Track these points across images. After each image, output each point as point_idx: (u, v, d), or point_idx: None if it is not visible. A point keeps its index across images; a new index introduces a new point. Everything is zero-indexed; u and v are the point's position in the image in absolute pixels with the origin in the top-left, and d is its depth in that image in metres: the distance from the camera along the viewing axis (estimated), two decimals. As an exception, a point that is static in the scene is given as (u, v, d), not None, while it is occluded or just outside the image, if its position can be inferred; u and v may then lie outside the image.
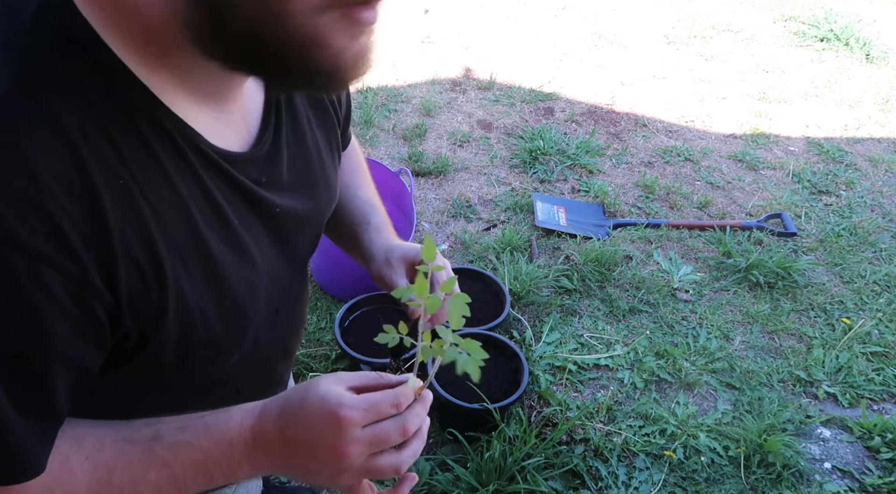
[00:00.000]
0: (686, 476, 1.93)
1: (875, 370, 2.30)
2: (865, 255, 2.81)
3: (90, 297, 0.47)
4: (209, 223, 0.56)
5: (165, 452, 0.58)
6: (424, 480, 1.85)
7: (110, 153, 0.47)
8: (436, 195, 2.98)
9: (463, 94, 3.73)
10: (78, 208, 0.45)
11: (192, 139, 0.54)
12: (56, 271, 0.44)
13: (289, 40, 0.46)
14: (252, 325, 0.64)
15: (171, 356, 0.57)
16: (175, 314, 0.54)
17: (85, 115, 0.46)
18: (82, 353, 0.50)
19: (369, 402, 0.57)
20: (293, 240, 0.69)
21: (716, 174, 3.25)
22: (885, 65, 4.31)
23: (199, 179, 0.55)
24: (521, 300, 2.44)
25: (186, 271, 0.54)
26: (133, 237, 0.49)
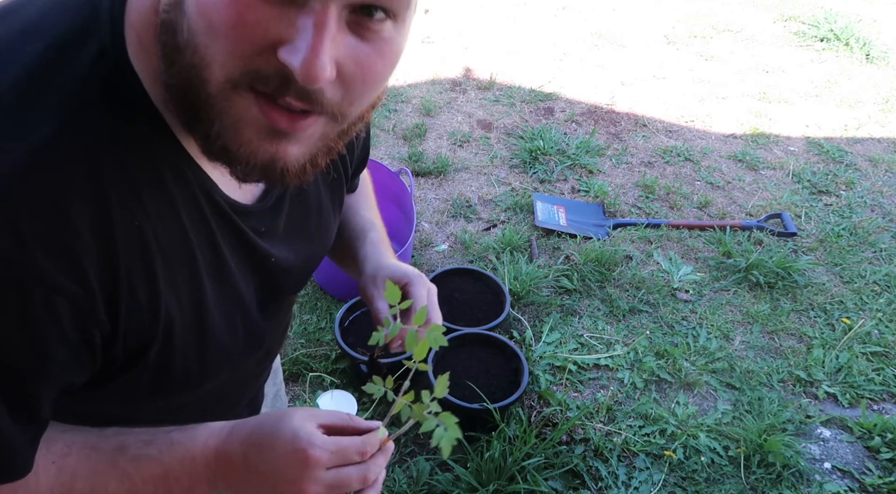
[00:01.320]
0: (686, 476, 1.93)
1: (875, 370, 2.30)
2: (865, 255, 2.81)
3: (93, 327, 0.51)
4: (209, 268, 0.60)
5: (128, 464, 0.60)
6: (424, 480, 1.85)
7: (134, 200, 0.51)
8: (436, 195, 2.98)
9: (463, 94, 3.73)
10: (97, 247, 0.49)
11: (207, 190, 0.58)
12: (69, 304, 0.49)
13: (208, 107, 0.48)
14: (230, 362, 0.67)
15: (146, 382, 0.60)
16: (159, 346, 0.57)
17: (118, 166, 0.50)
18: (74, 373, 0.53)
19: (338, 446, 0.60)
20: (282, 286, 0.73)
21: (716, 174, 3.25)
22: (885, 65, 4.31)
23: (208, 226, 0.59)
24: (521, 300, 2.44)
25: (180, 310, 0.57)
26: (139, 276, 0.53)
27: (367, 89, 0.51)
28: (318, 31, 0.44)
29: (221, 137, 0.49)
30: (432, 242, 2.72)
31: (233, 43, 0.45)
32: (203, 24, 0.45)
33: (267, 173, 0.52)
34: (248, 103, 0.48)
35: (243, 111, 0.48)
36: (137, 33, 0.51)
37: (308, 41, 0.44)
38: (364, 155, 0.91)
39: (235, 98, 0.48)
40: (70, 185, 0.47)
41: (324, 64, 0.44)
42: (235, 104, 0.48)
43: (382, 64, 0.50)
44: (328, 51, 0.45)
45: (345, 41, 0.47)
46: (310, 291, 2.42)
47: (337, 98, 0.49)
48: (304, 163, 0.53)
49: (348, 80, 0.48)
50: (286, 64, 0.45)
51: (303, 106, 0.48)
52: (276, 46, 0.45)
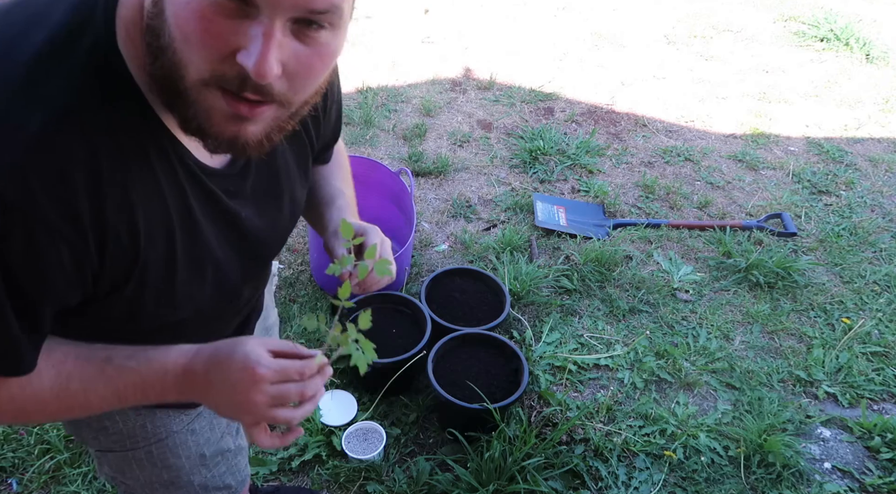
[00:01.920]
0: (686, 476, 1.93)
1: (875, 370, 2.30)
2: (865, 255, 2.81)
3: (85, 262, 0.65)
4: (180, 220, 0.73)
5: (113, 372, 0.74)
6: (424, 480, 1.85)
7: (122, 167, 0.65)
8: (436, 195, 2.98)
9: (463, 94, 3.73)
10: (92, 205, 0.62)
11: (181, 156, 0.71)
12: (66, 244, 0.62)
13: (185, 97, 0.61)
14: (196, 301, 0.81)
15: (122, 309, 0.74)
16: (136, 279, 0.71)
17: (109, 136, 0.63)
18: (69, 295, 0.68)
19: (281, 366, 0.73)
20: (253, 243, 0.86)
21: (716, 174, 3.25)
22: (885, 65, 4.31)
23: (181, 186, 0.72)
24: (521, 300, 2.44)
25: (153, 250, 0.71)
26: (123, 224, 0.66)
27: (308, 83, 0.64)
28: (266, 40, 0.57)
29: (196, 120, 0.63)
30: (432, 242, 2.72)
31: (202, 51, 0.58)
32: (178, 33, 0.58)
33: (232, 147, 0.66)
34: (216, 96, 0.61)
35: (213, 102, 0.61)
36: (126, 28, 0.63)
37: (258, 47, 0.57)
38: (335, 131, 1.06)
39: (206, 93, 0.60)
40: (71, 153, 0.60)
41: (271, 65, 0.57)
42: (206, 98, 0.61)
43: (321, 63, 0.63)
44: (275, 54, 0.57)
45: (289, 46, 0.59)
46: (310, 291, 2.42)
47: (284, 90, 0.62)
48: (261, 138, 0.66)
49: (293, 76, 0.61)
50: (243, 66, 0.57)
51: (258, 98, 0.61)
52: (235, 53, 0.58)
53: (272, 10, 0.56)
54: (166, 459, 1.06)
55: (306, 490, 1.84)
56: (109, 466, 1.09)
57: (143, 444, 1.04)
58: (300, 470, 1.89)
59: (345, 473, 1.87)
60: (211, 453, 1.12)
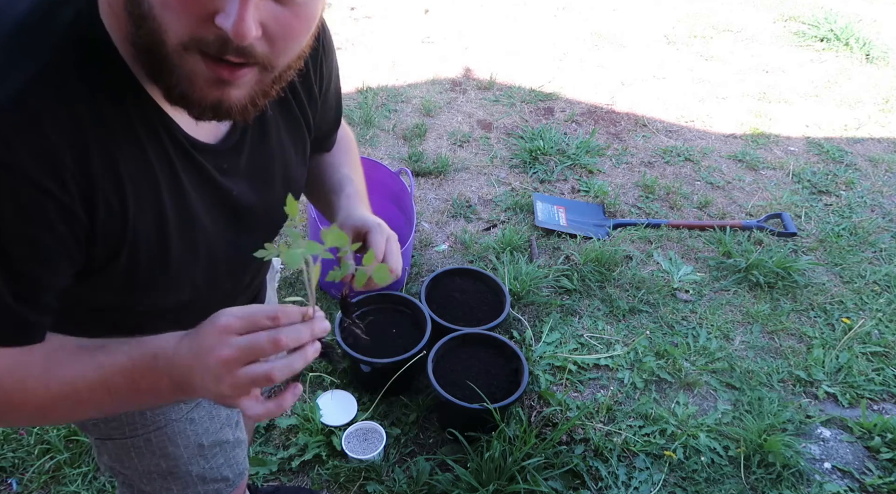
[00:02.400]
0: (686, 476, 1.93)
1: (875, 370, 2.30)
2: (865, 255, 2.81)
3: (74, 223, 0.65)
4: (169, 191, 0.73)
5: (103, 357, 0.71)
6: (424, 480, 1.85)
7: (106, 135, 0.65)
8: (436, 195, 2.98)
9: (463, 94, 3.73)
10: (75, 164, 0.62)
11: (170, 129, 0.71)
12: (54, 203, 0.62)
13: (167, 63, 0.61)
14: (192, 279, 0.80)
15: (119, 283, 0.73)
16: (129, 247, 0.71)
17: (91, 101, 0.63)
18: (62, 260, 0.67)
19: (246, 312, 0.66)
20: (246, 220, 0.85)
21: (716, 174, 3.25)
22: (885, 65, 4.31)
23: (169, 159, 0.72)
24: (521, 300, 2.44)
25: (143, 218, 0.70)
26: (111, 192, 0.66)
27: (289, 44, 0.64)
28: (242, 1, 0.56)
29: (179, 86, 0.62)
30: (432, 242, 2.72)
31: (180, 15, 0.58)
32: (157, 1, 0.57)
33: (216, 112, 0.65)
34: (196, 61, 0.61)
35: (194, 67, 0.61)
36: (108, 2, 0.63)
37: (236, 8, 0.57)
38: (336, 117, 1.05)
39: (187, 57, 0.60)
40: (52, 114, 0.60)
41: (249, 25, 0.57)
42: (187, 62, 0.61)
43: (299, 24, 0.63)
44: (252, 15, 0.57)
45: (266, 7, 0.59)
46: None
47: (265, 52, 0.62)
48: (245, 103, 0.66)
49: (273, 37, 0.61)
50: (221, 27, 0.57)
51: (239, 60, 0.61)
52: (213, 15, 0.57)
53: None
54: (165, 447, 1.07)
55: (306, 490, 1.84)
56: (109, 455, 1.09)
57: (143, 432, 1.04)
58: (300, 470, 1.89)
59: (345, 473, 1.87)
60: (209, 443, 1.12)
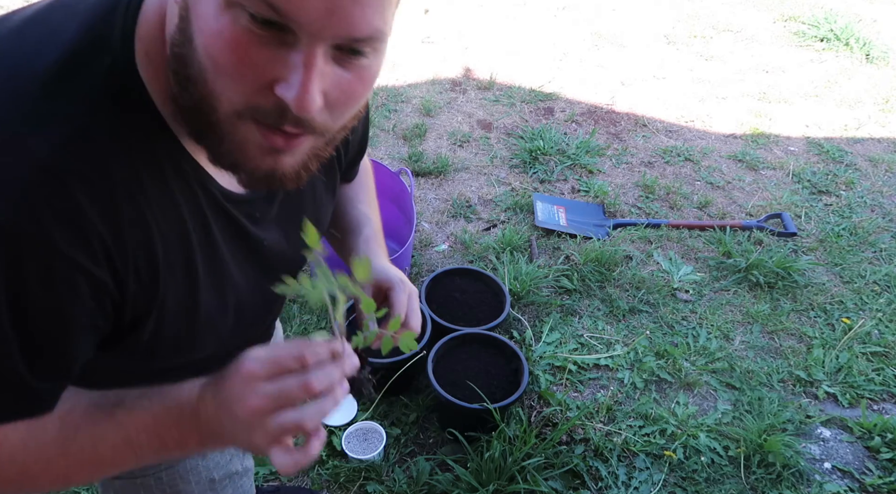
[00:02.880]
0: (686, 476, 1.93)
1: (875, 370, 2.30)
2: (865, 255, 2.81)
3: (105, 296, 0.61)
4: (203, 252, 0.68)
5: (124, 415, 0.65)
6: (424, 480, 1.85)
7: (139, 194, 0.60)
8: (436, 195, 2.98)
9: (463, 94, 3.73)
10: (107, 233, 0.58)
11: (203, 181, 0.67)
12: (85, 277, 0.58)
13: (217, 129, 0.57)
14: (218, 334, 0.75)
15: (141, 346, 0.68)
16: (157, 312, 0.66)
17: (125, 160, 0.59)
18: (89, 334, 0.62)
19: (271, 354, 0.62)
20: (276, 268, 0.80)
21: (716, 174, 3.25)
22: (885, 65, 4.31)
23: (202, 214, 0.67)
24: (521, 300, 2.44)
25: (174, 281, 0.66)
26: (142, 257, 0.62)
27: (349, 109, 0.60)
28: (307, 69, 0.52)
29: (229, 155, 0.59)
30: (432, 242, 2.72)
31: (236, 82, 0.54)
32: (210, 64, 0.53)
33: (268, 181, 0.61)
34: (250, 129, 0.57)
35: (247, 135, 0.57)
36: (146, 47, 0.59)
37: (299, 78, 0.52)
38: (362, 144, 0.99)
39: (240, 126, 0.57)
40: (83, 181, 0.56)
41: (314, 97, 0.53)
42: (240, 130, 0.57)
43: (362, 88, 0.58)
44: (317, 85, 0.53)
45: (331, 73, 0.55)
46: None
47: (324, 120, 0.58)
48: (298, 170, 0.62)
49: (333, 104, 0.57)
50: (282, 98, 0.53)
51: (297, 130, 0.57)
52: (273, 84, 0.53)
53: (312, 38, 0.51)
54: (175, 485, 1.02)
55: (306, 490, 1.84)
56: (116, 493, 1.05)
57: (153, 470, 0.99)
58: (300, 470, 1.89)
59: (345, 473, 1.87)
60: (220, 477, 1.08)
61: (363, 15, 0.52)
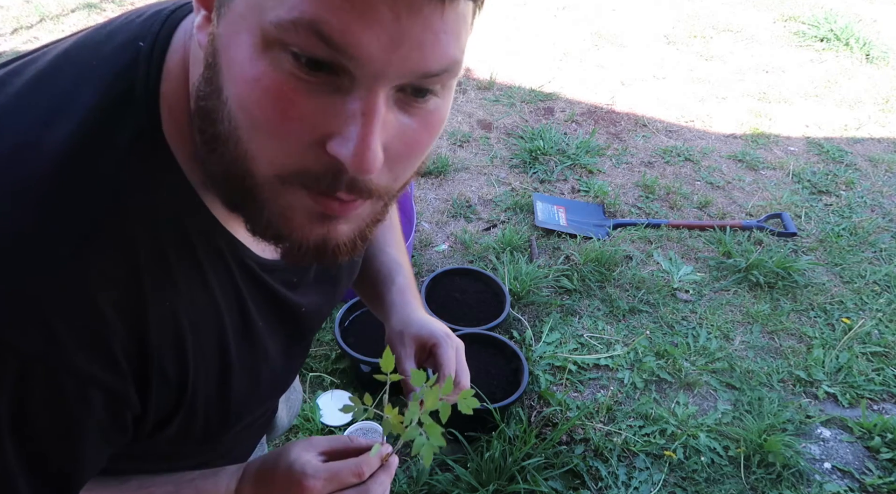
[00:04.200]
0: (686, 476, 1.93)
1: (875, 370, 2.30)
2: (865, 255, 2.81)
3: (125, 409, 0.52)
4: (234, 329, 0.59)
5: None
6: (424, 480, 1.85)
7: (167, 281, 0.51)
8: (436, 195, 2.98)
9: (463, 94, 3.73)
10: (129, 334, 0.49)
11: (238, 254, 0.57)
12: (101, 391, 0.49)
13: (254, 197, 0.47)
14: (251, 413, 0.68)
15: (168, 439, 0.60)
16: (185, 410, 0.58)
17: (154, 248, 0.49)
18: (106, 451, 0.55)
19: (331, 471, 0.61)
20: (310, 330, 0.74)
21: (716, 174, 3.25)
22: (885, 65, 4.31)
23: (236, 288, 0.58)
24: (521, 300, 2.44)
25: (206, 378, 0.58)
26: (169, 354, 0.53)
27: (411, 164, 0.49)
28: (367, 120, 0.42)
29: (272, 227, 0.49)
30: (432, 242, 2.72)
31: (278, 140, 0.43)
32: (245, 119, 0.43)
33: (318, 254, 0.51)
34: (297, 195, 0.46)
35: (294, 201, 0.47)
36: (170, 106, 0.50)
37: (357, 130, 0.42)
38: None
39: (284, 192, 0.46)
40: (104, 276, 0.47)
41: (375, 153, 0.42)
42: (285, 197, 0.47)
43: (428, 136, 0.48)
44: (378, 138, 0.43)
45: (393, 122, 0.45)
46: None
47: (385, 181, 0.48)
48: (355, 238, 0.52)
49: (395, 160, 0.47)
50: (336, 157, 0.43)
51: (353, 198, 0.47)
52: (325, 141, 0.43)
53: (373, 80, 0.41)
54: None
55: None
56: None
57: None
58: None
59: (345, 473, 1.86)
60: None
61: (436, 43, 0.41)
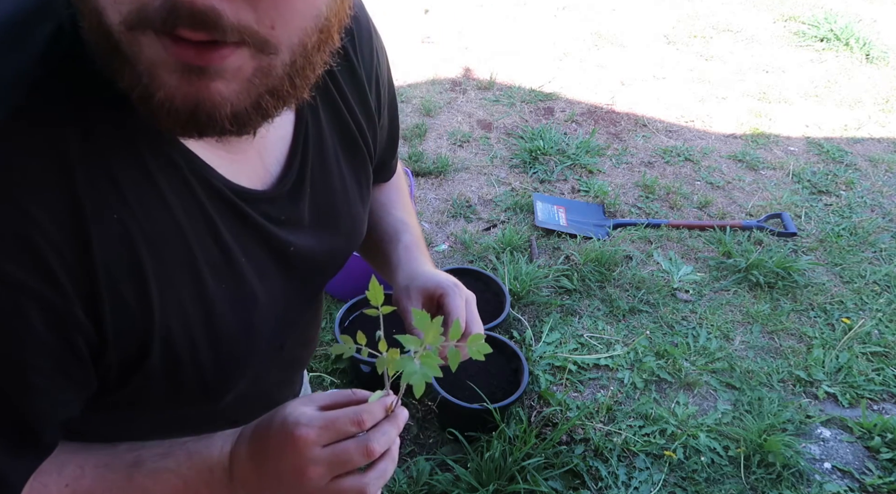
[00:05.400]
0: (686, 476, 1.93)
1: (875, 370, 2.30)
2: (865, 255, 2.81)
3: (73, 330, 0.46)
4: (211, 263, 0.54)
5: (145, 479, 0.56)
6: (424, 480, 1.85)
7: (108, 187, 0.46)
8: (436, 195, 2.98)
9: (463, 94, 3.73)
10: (65, 241, 0.44)
11: (203, 175, 0.52)
12: (38, 304, 0.44)
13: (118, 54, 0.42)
14: (249, 365, 0.62)
15: (158, 393, 0.56)
16: (160, 348, 0.52)
17: (86, 147, 0.45)
18: (64, 388, 0.49)
19: (327, 420, 0.55)
20: (308, 277, 0.67)
21: (716, 174, 3.25)
22: (885, 65, 4.31)
23: (207, 216, 0.53)
24: (521, 300, 2.44)
25: (178, 306, 0.52)
26: (122, 273, 0.48)
27: (285, 2, 0.42)
28: None
29: (139, 85, 0.43)
30: (432, 242, 2.72)
31: None
32: None
33: (194, 118, 0.44)
34: (151, 43, 0.41)
35: (151, 54, 0.41)
36: None
37: None
38: (393, 134, 0.83)
39: (138, 42, 0.41)
40: (27, 176, 0.43)
41: None
42: (141, 48, 0.41)
43: None
44: None
45: None
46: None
47: (247, 18, 0.40)
48: (243, 106, 0.45)
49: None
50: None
51: (200, 36, 0.40)
52: None
53: None
54: None
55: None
56: None
57: None
58: None
59: (345, 473, 1.86)
60: None
61: None
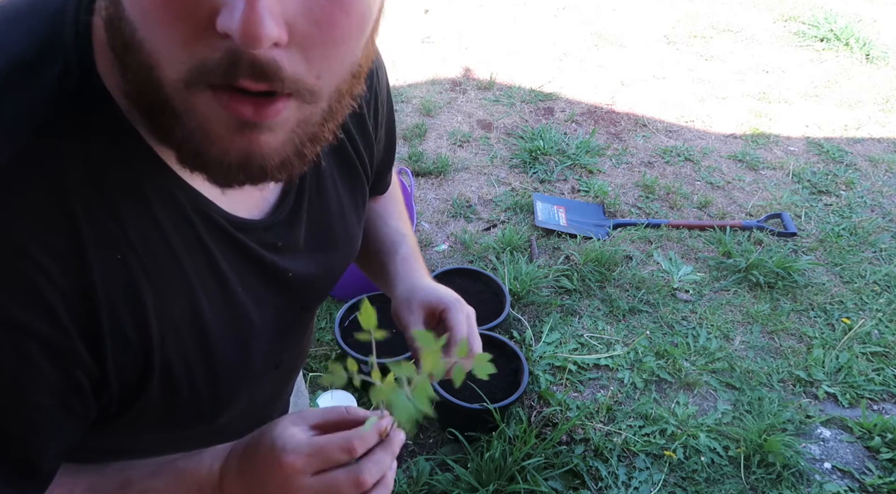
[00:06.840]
0: (686, 476, 1.93)
1: (875, 370, 2.29)
2: (865, 255, 2.81)
3: (75, 367, 0.47)
4: (209, 293, 0.55)
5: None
6: (424, 480, 1.85)
7: (111, 226, 0.47)
8: (436, 195, 2.98)
9: (463, 94, 3.73)
10: (67, 281, 0.45)
11: (203, 210, 0.53)
12: (39, 342, 0.44)
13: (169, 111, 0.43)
14: (244, 387, 0.63)
15: (154, 418, 0.56)
16: (159, 380, 0.53)
17: (89, 186, 0.45)
18: (66, 421, 0.50)
19: (315, 447, 0.53)
20: (306, 298, 0.68)
21: (716, 174, 3.25)
22: (885, 65, 4.31)
23: (205, 249, 0.54)
24: (521, 300, 2.44)
25: (177, 340, 0.53)
26: (124, 311, 0.49)
27: (332, 54, 0.43)
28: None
29: (190, 142, 0.44)
30: (432, 242, 2.72)
31: (171, 31, 0.40)
32: (138, 13, 0.40)
33: (246, 172, 0.46)
34: (207, 101, 0.42)
35: (205, 110, 0.42)
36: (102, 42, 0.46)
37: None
38: (390, 149, 0.83)
39: (193, 99, 0.42)
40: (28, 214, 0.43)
41: (262, 16, 0.37)
42: (195, 104, 0.42)
43: (346, 20, 0.42)
44: (267, 4, 0.37)
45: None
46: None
47: (300, 70, 0.42)
48: (287, 154, 0.46)
49: (306, 43, 0.41)
50: (226, 31, 0.38)
51: (261, 86, 0.41)
52: (213, 19, 0.39)
53: None
54: None
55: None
56: None
57: None
58: None
59: (345, 473, 1.86)
60: None
61: None
